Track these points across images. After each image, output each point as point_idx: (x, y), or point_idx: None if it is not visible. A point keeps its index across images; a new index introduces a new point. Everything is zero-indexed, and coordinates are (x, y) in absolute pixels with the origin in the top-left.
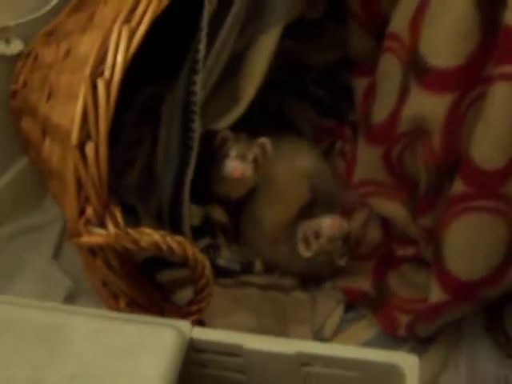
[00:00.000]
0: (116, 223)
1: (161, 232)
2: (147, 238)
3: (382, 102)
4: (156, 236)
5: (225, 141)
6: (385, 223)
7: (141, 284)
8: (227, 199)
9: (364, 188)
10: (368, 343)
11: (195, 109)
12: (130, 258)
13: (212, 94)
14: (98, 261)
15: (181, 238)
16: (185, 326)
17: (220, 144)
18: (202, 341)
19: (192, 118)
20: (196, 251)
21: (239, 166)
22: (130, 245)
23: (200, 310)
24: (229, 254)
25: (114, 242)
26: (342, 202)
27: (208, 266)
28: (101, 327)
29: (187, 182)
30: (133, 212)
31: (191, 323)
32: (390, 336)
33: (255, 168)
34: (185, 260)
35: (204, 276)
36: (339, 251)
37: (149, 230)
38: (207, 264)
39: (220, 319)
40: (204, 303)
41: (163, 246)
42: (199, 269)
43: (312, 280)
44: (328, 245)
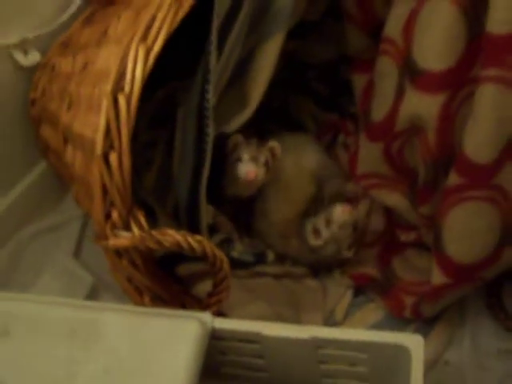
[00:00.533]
0: (140, 226)
1: (181, 232)
2: (169, 239)
3: (380, 102)
4: (178, 236)
5: (236, 145)
6: (387, 212)
7: (162, 279)
8: (238, 198)
9: (367, 180)
10: (376, 325)
11: (208, 114)
12: (152, 256)
13: (221, 97)
14: (124, 261)
15: (200, 237)
16: (206, 317)
17: (232, 149)
18: (223, 330)
19: (206, 123)
20: (214, 248)
21: (252, 169)
22: (154, 245)
23: (219, 302)
24: (242, 247)
25: (139, 244)
26: (347, 194)
27: (226, 261)
28: (130, 322)
29: (203, 183)
30: (150, 211)
31: (212, 314)
32: (397, 317)
33: (266, 170)
34: (204, 256)
35: (222, 270)
36: (348, 240)
37: (171, 231)
38: (225, 259)
39: (237, 309)
40: (223, 295)
41: (184, 245)
42: (218, 264)
43: (321, 269)
44: (339, 232)
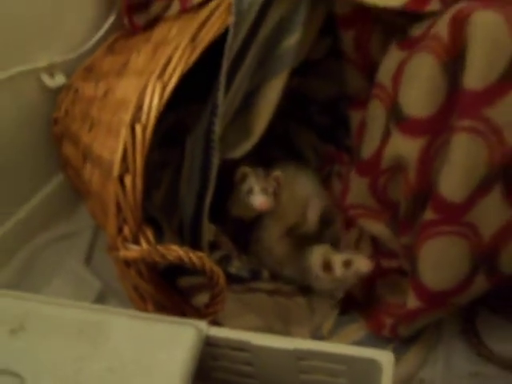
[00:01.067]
0: (148, 240)
1: (184, 248)
2: (173, 253)
3: (369, 141)
4: (180, 252)
5: (245, 176)
6: (373, 240)
7: (165, 289)
8: (240, 219)
9: (355, 210)
10: (358, 342)
11: (214, 145)
12: (156, 268)
13: (228, 126)
14: (132, 271)
15: (200, 254)
16: (202, 325)
17: (241, 179)
18: (216, 337)
19: (212, 153)
20: (213, 264)
21: (265, 200)
22: (159, 258)
23: (215, 312)
24: (239, 264)
25: (146, 256)
26: (331, 217)
27: (222, 277)
28: (134, 325)
29: (206, 205)
30: (157, 226)
31: (207, 323)
32: (377, 336)
33: (274, 198)
34: (203, 271)
35: (219, 284)
36: (348, 285)
37: (174, 247)
38: (222, 275)
39: (231, 320)
40: (218, 306)
41: (186, 260)
42: (215, 278)
43: (310, 290)
44: (351, 278)
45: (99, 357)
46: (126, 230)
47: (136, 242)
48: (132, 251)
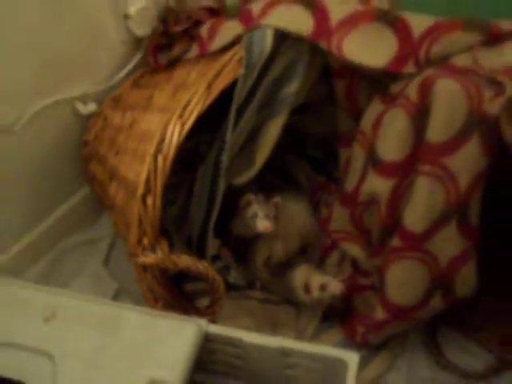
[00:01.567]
0: (163, 250)
1: (192, 258)
2: (183, 262)
3: (351, 177)
4: (189, 261)
5: (249, 203)
6: (353, 261)
7: (174, 292)
8: (240, 237)
9: (337, 234)
10: (335, 346)
11: (221, 173)
12: (167, 274)
13: (234, 157)
14: (148, 275)
15: (205, 263)
16: (203, 323)
17: (245, 205)
18: (214, 334)
19: (219, 179)
20: (215, 273)
21: (268, 225)
22: (172, 265)
23: (214, 313)
24: (237, 275)
25: (161, 263)
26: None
27: (222, 284)
28: (145, 320)
29: (211, 223)
30: (169, 237)
31: (207, 321)
32: (351, 342)
33: (274, 221)
34: (206, 278)
35: (219, 291)
36: (326, 305)
37: (184, 256)
38: (221, 283)
39: (227, 320)
40: (217, 309)
41: (193, 268)
42: (216, 286)
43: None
44: (327, 299)
45: (115, 344)
46: (145, 241)
47: (153, 251)
48: (149, 258)
